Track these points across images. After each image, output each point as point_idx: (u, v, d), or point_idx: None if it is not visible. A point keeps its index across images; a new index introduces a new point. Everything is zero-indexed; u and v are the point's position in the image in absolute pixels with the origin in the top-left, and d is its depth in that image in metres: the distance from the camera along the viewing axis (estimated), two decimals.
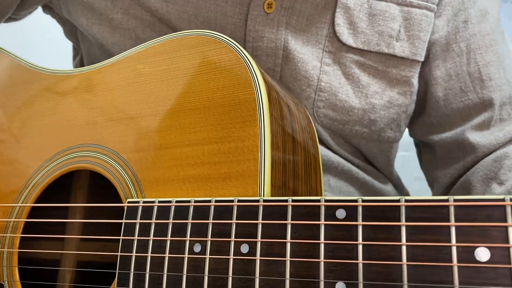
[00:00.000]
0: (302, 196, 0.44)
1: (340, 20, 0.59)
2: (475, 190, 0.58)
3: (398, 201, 0.32)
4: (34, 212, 0.51)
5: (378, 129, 0.63)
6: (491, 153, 0.59)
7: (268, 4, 0.57)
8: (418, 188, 0.68)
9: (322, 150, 0.61)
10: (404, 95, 0.62)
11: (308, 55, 0.59)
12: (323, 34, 0.59)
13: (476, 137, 0.60)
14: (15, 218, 0.51)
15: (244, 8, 0.58)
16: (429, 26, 0.61)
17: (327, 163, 0.62)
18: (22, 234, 0.50)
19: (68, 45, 0.79)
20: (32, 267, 0.51)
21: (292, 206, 0.36)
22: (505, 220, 0.29)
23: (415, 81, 0.62)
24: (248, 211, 0.37)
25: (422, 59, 0.61)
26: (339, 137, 0.63)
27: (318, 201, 0.35)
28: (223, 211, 0.38)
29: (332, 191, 0.62)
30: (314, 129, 0.51)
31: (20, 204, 0.51)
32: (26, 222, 0.51)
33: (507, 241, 0.29)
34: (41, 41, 1.26)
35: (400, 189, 0.72)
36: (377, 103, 0.61)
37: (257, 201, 0.37)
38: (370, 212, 0.33)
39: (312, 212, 0.35)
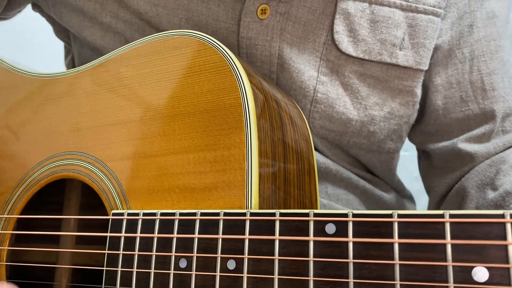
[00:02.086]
0: (295, 202, 0.43)
1: (339, 27, 0.54)
2: (470, 196, 0.55)
3: (391, 216, 0.30)
4: (22, 221, 0.50)
5: (378, 140, 0.59)
6: None
7: (262, 9, 0.53)
8: (419, 188, 0.66)
9: (319, 157, 0.58)
10: (406, 106, 0.58)
11: (304, 64, 0.55)
12: (321, 42, 0.55)
13: (475, 147, 0.57)
14: (1, 230, 0.49)
15: (237, 13, 0.54)
16: (435, 32, 0.56)
17: (324, 171, 0.59)
18: (11, 245, 0.49)
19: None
20: (22, 281, 0.50)
21: (280, 220, 0.34)
22: (505, 238, 0.27)
23: (418, 90, 0.58)
24: (234, 225, 0.35)
25: (426, 68, 0.57)
26: (336, 147, 0.60)
27: (307, 215, 0.33)
28: (209, 225, 0.36)
29: (330, 199, 0.59)
30: (308, 130, 0.48)
31: (6, 216, 0.49)
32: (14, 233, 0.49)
33: (507, 261, 0.27)
34: (42, 41, 1.25)
35: (402, 194, 0.69)
36: (377, 115, 0.57)
37: (244, 214, 0.35)
38: (361, 227, 0.31)
39: (300, 226, 0.33)
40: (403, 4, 0.55)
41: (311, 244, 0.32)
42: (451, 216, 0.28)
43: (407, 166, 0.69)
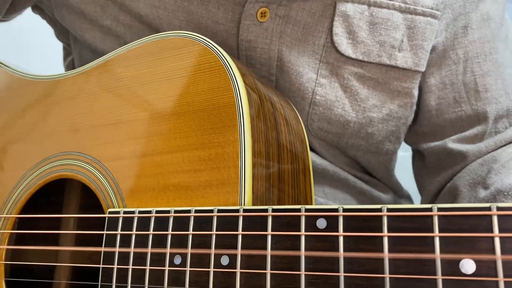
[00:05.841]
0: (289, 200, 0.43)
1: (338, 29, 0.55)
2: (462, 195, 0.55)
3: (380, 210, 0.31)
4: (21, 221, 0.50)
5: (376, 141, 0.59)
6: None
7: (262, 13, 0.53)
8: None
9: (317, 159, 0.59)
10: (404, 107, 0.58)
11: (304, 66, 0.55)
12: (320, 44, 0.55)
13: (467, 146, 0.57)
14: (0, 230, 0.50)
15: (236, 16, 0.54)
16: (432, 34, 0.57)
17: (322, 172, 0.59)
18: (9, 244, 0.50)
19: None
20: (21, 279, 0.50)
21: (273, 216, 0.34)
22: (492, 230, 0.27)
23: (416, 92, 0.58)
24: (228, 221, 0.36)
25: (424, 69, 0.57)
26: (334, 148, 0.60)
27: (299, 210, 0.33)
28: (203, 222, 0.37)
29: (327, 198, 0.59)
30: (303, 130, 0.49)
31: (5, 215, 0.50)
32: (13, 233, 0.50)
33: (494, 252, 0.27)
34: (39, 42, 1.26)
35: (399, 194, 0.69)
36: (375, 117, 0.57)
37: (237, 211, 0.36)
38: (352, 222, 0.31)
39: (292, 222, 0.33)
40: (402, 6, 0.55)
41: (303, 239, 0.33)
42: (439, 209, 0.29)
43: (407, 167, 0.69)
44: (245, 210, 0.35)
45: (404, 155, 0.72)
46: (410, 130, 0.63)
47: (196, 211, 0.37)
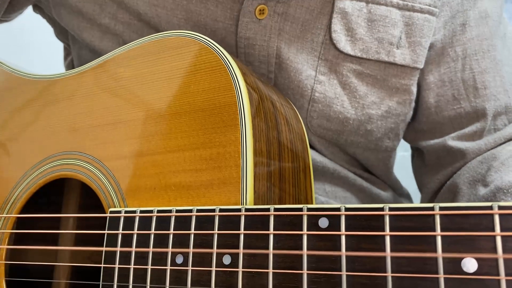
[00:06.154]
0: (290, 199, 0.43)
1: (337, 26, 0.55)
2: (461, 193, 0.56)
3: (382, 209, 0.31)
4: (21, 221, 0.50)
5: (375, 138, 0.60)
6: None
7: (260, 10, 0.53)
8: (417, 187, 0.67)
9: (317, 156, 0.59)
10: (403, 104, 0.58)
11: (302, 64, 0.56)
12: (319, 41, 0.56)
13: (466, 144, 0.57)
14: (0, 229, 0.50)
15: (235, 13, 0.54)
16: (430, 31, 0.57)
17: (322, 170, 0.59)
18: (9, 244, 0.50)
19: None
20: (21, 279, 0.50)
21: (275, 215, 0.34)
22: (493, 229, 0.28)
23: (414, 88, 0.58)
24: (229, 221, 0.36)
25: (422, 66, 0.58)
26: (333, 146, 0.60)
27: (301, 209, 0.33)
28: (205, 221, 0.37)
29: (328, 196, 0.60)
30: (304, 130, 0.49)
31: (5, 215, 0.50)
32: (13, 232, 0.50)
33: (495, 251, 0.27)
34: (40, 41, 1.26)
35: (399, 192, 0.69)
36: (374, 114, 0.57)
37: (239, 210, 0.36)
38: (354, 221, 0.32)
39: (294, 221, 0.33)
40: (400, 3, 0.56)
41: (305, 238, 0.33)
42: (441, 208, 0.29)
43: (407, 166, 0.69)
44: (247, 210, 0.35)
45: (403, 154, 0.73)
46: (409, 128, 0.63)
47: (198, 211, 0.37)
